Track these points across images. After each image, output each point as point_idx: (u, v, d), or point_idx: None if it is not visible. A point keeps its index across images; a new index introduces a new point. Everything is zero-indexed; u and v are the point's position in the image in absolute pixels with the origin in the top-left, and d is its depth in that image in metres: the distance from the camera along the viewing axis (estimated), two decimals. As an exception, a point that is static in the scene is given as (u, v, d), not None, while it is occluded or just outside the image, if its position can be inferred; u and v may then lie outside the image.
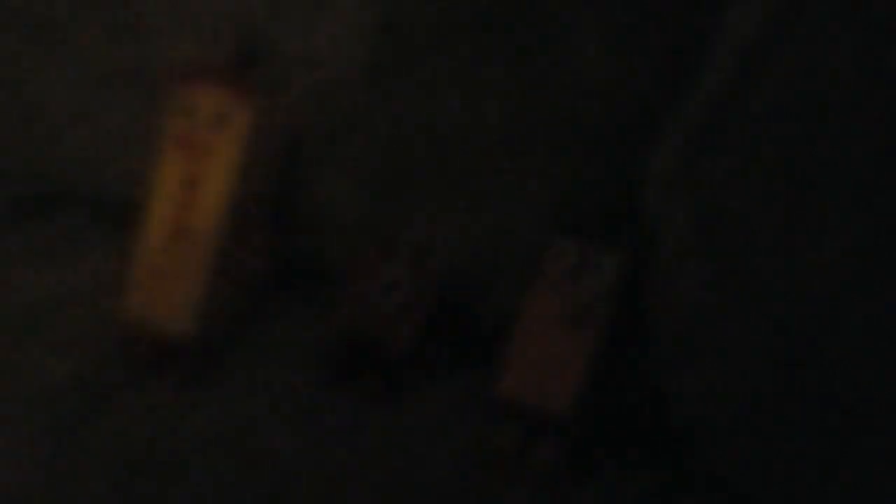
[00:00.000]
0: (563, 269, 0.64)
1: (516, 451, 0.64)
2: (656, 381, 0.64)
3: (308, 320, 0.72)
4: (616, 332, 0.64)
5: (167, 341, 0.68)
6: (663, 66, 0.64)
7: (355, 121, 0.69)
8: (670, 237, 0.62)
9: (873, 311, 0.53)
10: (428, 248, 0.67)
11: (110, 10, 0.72)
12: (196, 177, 0.68)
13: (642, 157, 0.64)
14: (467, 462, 0.64)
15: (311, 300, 0.73)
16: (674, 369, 0.62)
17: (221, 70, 0.68)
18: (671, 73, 0.64)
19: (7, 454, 0.62)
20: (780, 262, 0.56)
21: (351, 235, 0.71)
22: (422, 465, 0.64)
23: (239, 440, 0.64)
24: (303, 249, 0.73)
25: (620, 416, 0.65)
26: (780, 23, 0.57)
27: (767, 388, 0.57)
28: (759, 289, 0.57)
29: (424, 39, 0.66)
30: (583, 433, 0.64)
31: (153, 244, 0.68)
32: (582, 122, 0.65)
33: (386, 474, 0.63)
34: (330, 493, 0.62)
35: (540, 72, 0.65)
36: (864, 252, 0.53)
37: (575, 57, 0.65)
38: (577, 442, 0.64)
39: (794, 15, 0.56)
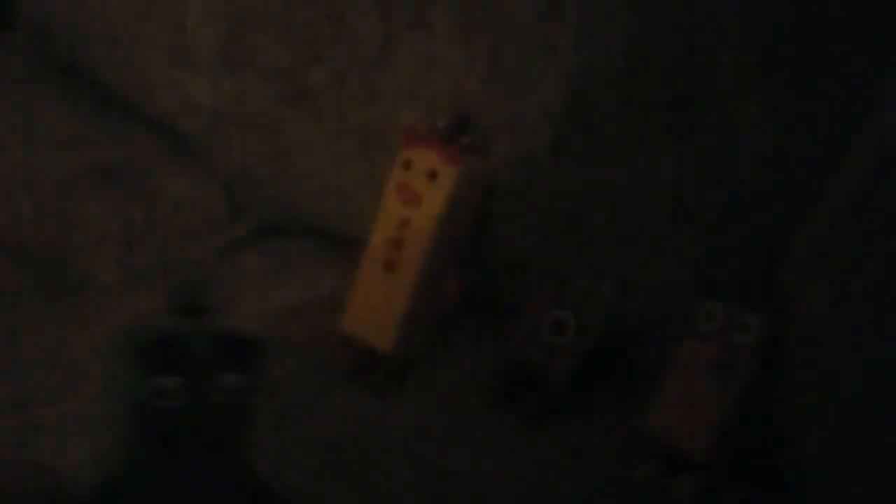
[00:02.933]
0: (713, 325, 0.69)
1: (656, 482, 0.68)
2: (787, 432, 0.67)
3: (486, 347, 0.78)
4: (756, 385, 0.68)
5: (371, 354, 0.76)
6: (816, 146, 0.68)
7: (542, 182, 0.75)
8: (808, 308, 0.66)
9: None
10: (593, 296, 0.73)
11: (355, 83, 0.82)
12: (409, 220, 0.76)
13: (791, 227, 0.68)
14: (610, 488, 0.69)
15: (490, 331, 0.79)
16: (802, 423, 0.66)
17: (437, 135, 0.76)
18: (823, 154, 0.68)
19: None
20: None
21: (529, 279, 0.77)
22: (566, 487, 0.69)
23: (416, 443, 0.72)
24: (489, 288, 0.80)
25: (753, 460, 0.69)
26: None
27: (881, 447, 0.61)
28: (882, 362, 0.61)
29: (604, 116, 0.72)
30: (718, 472, 0.68)
31: (368, 272, 0.77)
32: (739, 193, 0.70)
33: (533, 490, 0.69)
34: (481, 497, 0.68)
35: (704, 147, 0.70)
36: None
37: (736, 137, 0.69)
38: (712, 479, 0.68)
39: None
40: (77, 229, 0.93)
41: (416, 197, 0.76)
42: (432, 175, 0.75)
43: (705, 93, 0.70)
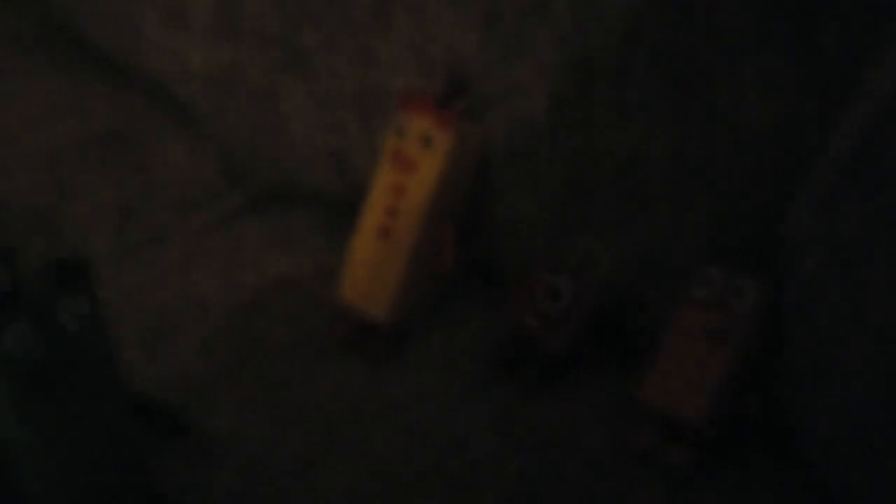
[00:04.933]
0: (709, 292, 0.68)
1: (651, 450, 0.68)
2: (786, 395, 0.66)
3: (482, 315, 0.77)
4: (754, 351, 0.67)
5: (367, 324, 0.76)
6: (813, 114, 0.67)
7: (539, 147, 0.74)
8: (806, 269, 0.65)
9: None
10: (590, 263, 0.72)
11: (350, 45, 0.81)
12: (403, 187, 0.75)
13: (788, 194, 0.67)
14: (605, 455, 0.68)
15: (487, 298, 0.78)
16: (801, 385, 0.65)
17: (432, 99, 0.74)
18: (820, 121, 0.67)
19: (230, 402, 0.73)
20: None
21: (528, 245, 0.76)
22: (561, 453, 0.69)
23: (411, 413, 0.72)
24: (485, 254, 0.79)
25: (750, 426, 0.68)
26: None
27: (883, 406, 0.60)
28: (879, 319, 0.60)
29: (603, 80, 0.71)
30: (714, 440, 0.67)
31: (363, 241, 0.76)
32: (736, 160, 0.69)
33: (529, 457, 0.68)
34: (480, 467, 0.68)
35: (703, 112, 0.69)
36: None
37: (736, 101, 0.68)
38: (708, 448, 0.67)
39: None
40: (73, 199, 0.92)
41: (411, 163, 0.75)
42: (426, 141, 0.74)
43: (704, 54, 0.69)
